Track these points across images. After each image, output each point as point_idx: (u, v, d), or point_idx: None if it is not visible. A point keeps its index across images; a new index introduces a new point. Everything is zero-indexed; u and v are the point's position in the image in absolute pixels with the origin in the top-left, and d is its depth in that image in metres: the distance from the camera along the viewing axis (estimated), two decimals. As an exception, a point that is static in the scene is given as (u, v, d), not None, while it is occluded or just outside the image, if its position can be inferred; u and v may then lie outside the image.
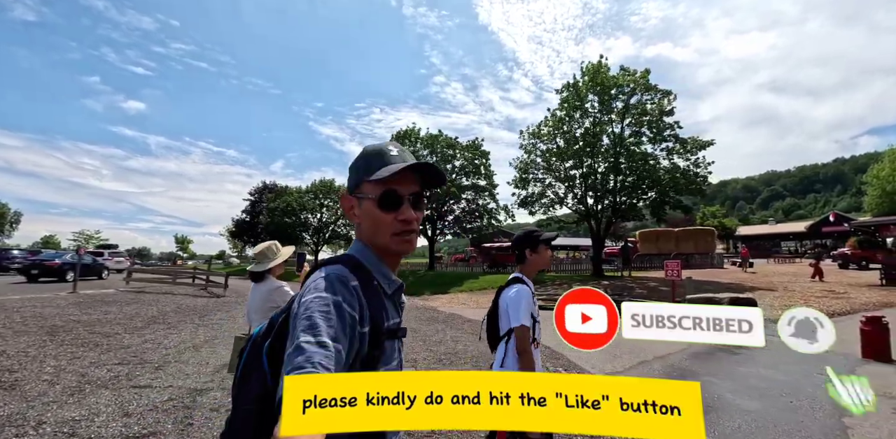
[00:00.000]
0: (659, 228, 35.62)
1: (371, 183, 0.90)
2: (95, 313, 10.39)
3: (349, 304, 0.79)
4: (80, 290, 14.73)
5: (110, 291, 15.59)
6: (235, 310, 12.05)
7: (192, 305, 12.68)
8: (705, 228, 35.16)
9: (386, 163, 0.90)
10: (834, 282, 16.17)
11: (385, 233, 0.91)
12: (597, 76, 17.54)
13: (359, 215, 0.94)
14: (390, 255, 0.95)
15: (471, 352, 6.72)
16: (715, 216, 46.79)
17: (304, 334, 0.70)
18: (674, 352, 6.58)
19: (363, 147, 0.96)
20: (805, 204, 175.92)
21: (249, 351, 0.93)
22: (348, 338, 0.75)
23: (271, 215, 32.67)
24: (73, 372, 5.42)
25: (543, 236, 2.14)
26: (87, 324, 8.87)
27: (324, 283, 0.80)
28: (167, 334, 8.09)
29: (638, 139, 18.37)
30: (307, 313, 0.74)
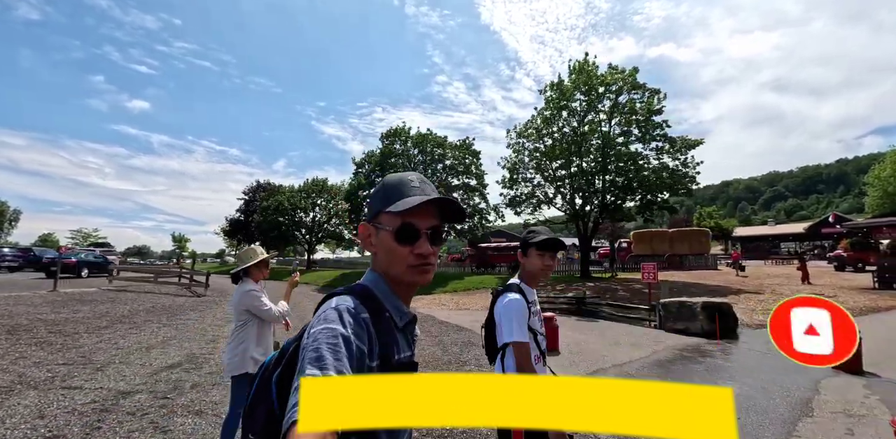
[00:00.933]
0: (653, 229, 35.43)
1: (389, 214, 0.89)
2: (65, 312, 10.34)
3: (357, 337, 0.77)
4: (60, 289, 14.70)
5: (92, 290, 15.55)
6: (210, 309, 11.99)
7: (168, 304, 12.63)
8: (700, 229, 34.98)
9: (405, 195, 0.90)
10: (826, 285, 15.94)
11: (400, 265, 0.90)
12: (583, 74, 17.37)
13: (375, 245, 0.93)
14: (404, 287, 0.94)
15: (424, 356, 6.61)
16: (712, 216, 46.40)
17: (311, 367, 0.69)
18: (634, 360, 6.41)
19: (384, 177, 0.96)
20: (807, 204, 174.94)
21: (259, 381, 0.92)
22: (355, 372, 0.74)
23: (263, 214, 32.64)
24: (12, 372, 5.35)
25: (534, 239, 1.94)
26: (50, 323, 8.81)
27: (334, 314, 0.80)
28: (126, 334, 8.02)
29: (626, 138, 18.21)
30: (315, 344, 0.73)
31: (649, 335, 8.40)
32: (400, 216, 0.88)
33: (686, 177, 17.63)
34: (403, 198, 0.89)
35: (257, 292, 2.99)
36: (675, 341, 7.76)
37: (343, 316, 0.79)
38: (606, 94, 17.72)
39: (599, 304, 11.13)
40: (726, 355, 6.66)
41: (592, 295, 12.67)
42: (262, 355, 2.95)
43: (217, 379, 5.25)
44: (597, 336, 8.32)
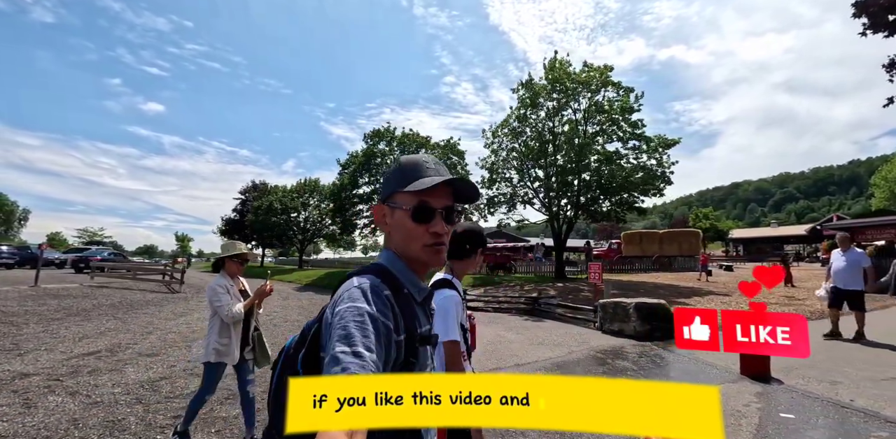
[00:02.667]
0: (643, 230, 35.22)
1: (405, 194, 0.92)
2: (31, 305, 10.73)
3: (383, 314, 0.80)
4: (43, 285, 15.17)
5: (73, 286, 16.01)
6: (173, 304, 12.32)
7: (136, 300, 12.99)
8: (691, 230, 34.70)
9: (421, 176, 0.92)
10: (808, 288, 15.60)
11: (416, 243, 0.93)
12: (554, 72, 17.36)
13: (390, 224, 0.96)
14: (419, 265, 0.96)
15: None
16: (708, 217, 45.97)
17: (340, 344, 0.71)
18: (541, 360, 6.28)
19: (399, 158, 0.99)
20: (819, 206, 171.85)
21: (283, 363, 0.94)
22: (384, 347, 0.76)
23: (256, 214, 33.15)
24: (-65, 357, 5.66)
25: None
26: (8, 314, 9.18)
27: (357, 293, 0.82)
28: (72, 325, 8.36)
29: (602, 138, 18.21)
30: (342, 323, 0.75)
31: (582, 336, 8.21)
32: (416, 195, 0.91)
33: (659, 178, 17.60)
34: (419, 179, 0.91)
35: (220, 288, 3.10)
36: (601, 342, 7.58)
37: (367, 294, 0.82)
38: (579, 91, 17.69)
39: (552, 305, 11.11)
40: (640, 358, 6.42)
41: (550, 295, 12.68)
42: (224, 346, 3.10)
43: (121, 365, 5.52)
44: (527, 336, 8.22)
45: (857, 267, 6.90)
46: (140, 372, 5.22)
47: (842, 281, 7.01)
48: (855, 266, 6.91)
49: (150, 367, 5.47)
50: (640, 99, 18.02)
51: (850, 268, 6.95)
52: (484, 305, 12.60)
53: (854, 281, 6.91)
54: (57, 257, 27.42)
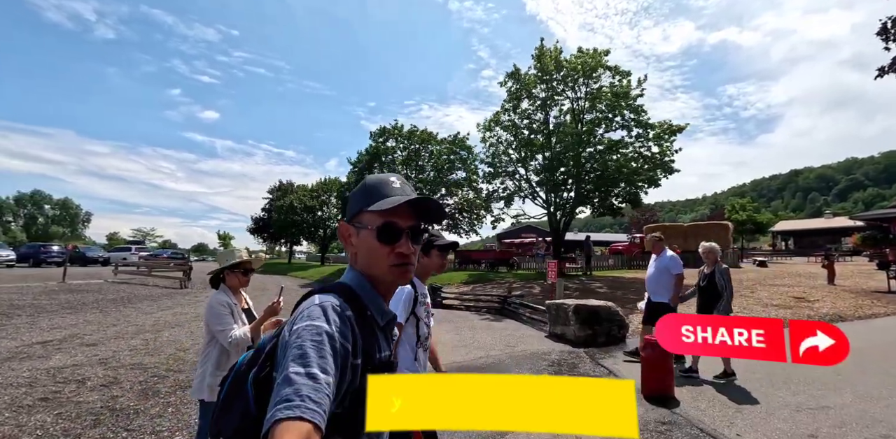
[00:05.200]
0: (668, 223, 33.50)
1: (370, 213, 0.91)
2: (42, 299, 11.90)
3: (342, 335, 0.78)
4: (70, 280, 16.74)
5: (97, 282, 17.54)
6: (172, 300, 13.22)
7: (141, 295, 14.05)
8: (720, 222, 32.52)
9: (386, 195, 0.92)
10: (844, 288, 14.11)
11: (381, 264, 0.92)
12: (542, 61, 16.82)
13: (355, 244, 0.94)
14: (385, 286, 0.96)
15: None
16: (745, 209, 42.88)
17: (294, 364, 0.69)
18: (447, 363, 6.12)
19: (365, 177, 0.99)
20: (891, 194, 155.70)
21: (232, 381, 0.90)
22: (339, 370, 0.74)
23: (279, 212, 34.65)
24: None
25: (438, 242, 2.09)
26: (15, 307, 10.26)
27: (317, 311, 0.79)
28: (56, 317, 9.22)
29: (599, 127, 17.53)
30: (298, 342, 0.73)
31: (521, 339, 7.73)
32: (381, 215, 0.90)
33: (660, 166, 16.71)
34: (385, 198, 0.91)
35: (222, 307, 2.47)
36: (530, 347, 7.06)
37: (328, 313, 0.79)
38: (573, 78, 17.04)
39: (517, 305, 10.60)
40: (550, 366, 5.94)
41: (518, 295, 12.25)
42: None
43: (52, 353, 6.08)
44: (463, 336, 7.91)
45: (665, 274, 5.58)
46: (63, 360, 5.74)
47: (650, 291, 5.78)
48: (663, 273, 5.59)
49: (74, 355, 5.99)
50: (643, 83, 17.17)
51: (657, 275, 5.65)
52: (458, 303, 12.57)
53: (660, 291, 5.62)
54: (100, 255, 29.97)
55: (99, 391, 4.52)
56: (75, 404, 4.13)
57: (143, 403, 4.16)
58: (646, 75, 17.21)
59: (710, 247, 5.30)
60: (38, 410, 3.96)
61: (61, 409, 3.98)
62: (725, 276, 5.08)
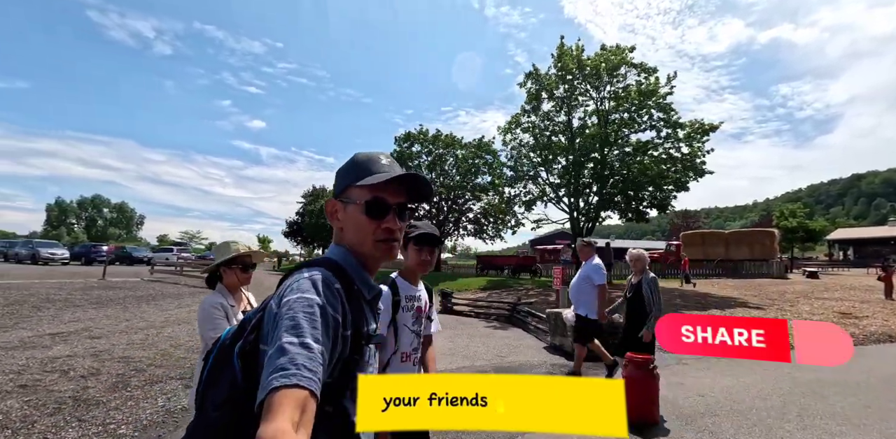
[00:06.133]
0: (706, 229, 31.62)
1: (358, 188, 0.91)
2: (78, 295, 12.63)
3: (332, 307, 0.78)
4: (110, 278, 17.81)
5: (134, 279, 18.55)
6: (191, 298, 13.69)
7: (169, 292, 14.68)
8: (763, 230, 30.39)
9: (375, 171, 0.92)
10: (892, 303, 12.75)
11: (368, 239, 0.92)
12: (563, 60, 16.29)
13: (342, 219, 0.95)
14: (371, 261, 0.96)
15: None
16: (795, 215, 39.82)
17: (287, 335, 0.69)
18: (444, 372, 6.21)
19: (355, 154, 0.98)
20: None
21: (217, 355, 0.90)
22: (331, 341, 0.75)
23: (310, 217, 35.66)
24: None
25: (412, 234, 1.90)
26: (49, 301, 10.93)
27: (308, 284, 0.80)
28: (78, 312, 9.72)
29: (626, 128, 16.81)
30: (290, 313, 0.73)
31: (516, 349, 7.30)
32: (370, 190, 0.90)
33: (692, 169, 15.77)
34: (373, 174, 0.91)
35: (216, 309, 2.14)
36: (522, 358, 6.66)
37: (318, 285, 0.79)
38: (597, 76, 16.42)
39: (525, 313, 10.06)
40: None
41: (528, 302, 11.68)
42: None
43: (57, 343, 6.36)
44: (459, 344, 7.56)
45: (586, 283, 4.87)
46: (62, 350, 5.98)
47: (572, 301, 5.13)
48: (584, 282, 4.88)
49: (74, 347, 6.23)
50: (672, 80, 16.34)
51: (578, 284, 4.94)
52: (468, 310, 12.25)
53: (580, 302, 4.94)
54: (145, 255, 31.86)
55: (76, 381, 4.63)
56: (48, 392, 4.24)
57: (109, 395, 4.21)
58: (675, 72, 16.39)
59: (638, 254, 4.61)
60: (11, 396, 4.09)
61: (32, 396, 4.09)
62: (653, 287, 4.37)
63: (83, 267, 25.47)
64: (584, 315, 4.87)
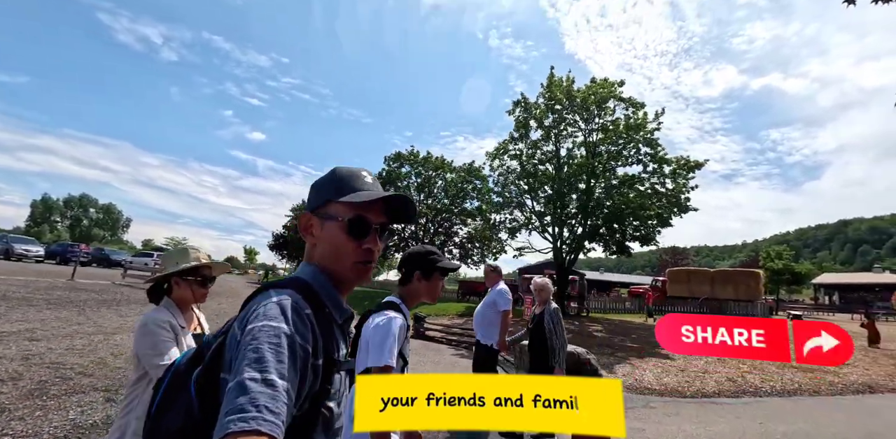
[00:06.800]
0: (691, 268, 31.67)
1: (341, 205, 0.86)
2: (38, 295, 12.10)
3: (302, 336, 0.72)
4: (78, 279, 17.24)
5: (105, 283, 17.99)
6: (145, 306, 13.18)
7: (135, 298, 14.16)
8: (749, 270, 30.39)
9: (358, 188, 0.88)
10: (876, 351, 12.68)
11: (346, 260, 0.87)
12: (551, 90, 16.65)
13: (317, 236, 0.88)
14: (345, 282, 0.89)
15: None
16: (781, 257, 40.12)
17: (249, 369, 0.63)
18: None
19: (334, 168, 0.93)
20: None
21: (171, 381, 0.83)
22: (299, 374, 0.69)
23: (296, 231, 35.23)
24: None
25: (442, 263, 1.78)
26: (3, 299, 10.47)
27: (275, 310, 0.73)
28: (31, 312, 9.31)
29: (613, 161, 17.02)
30: (254, 344, 0.66)
31: None
32: (353, 208, 0.85)
33: (676, 205, 15.89)
34: (356, 192, 0.86)
35: (162, 329, 1.72)
36: None
37: (286, 311, 0.73)
38: (584, 108, 16.74)
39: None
40: None
41: None
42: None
43: (-10, 346, 6.02)
44: (418, 372, 7.38)
45: (491, 310, 4.46)
46: (-7, 353, 5.64)
47: (476, 330, 4.68)
48: (489, 308, 4.47)
49: (8, 348, 5.89)
50: (661, 116, 16.68)
51: (483, 310, 4.53)
52: (440, 336, 11.96)
53: (483, 329, 4.51)
54: (124, 259, 31.15)
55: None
56: (-46, 397, 3.95)
57: (19, 403, 3.92)
58: (663, 109, 16.76)
59: (543, 283, 4.33)
60: (-89, 400, 3.80)
61: (-66, 401, 3.80)
62: (555, 319, 4.07)
63: (57, 266, 24.80)
64: (490, 345, 4.42)
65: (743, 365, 9.44)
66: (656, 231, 16.47)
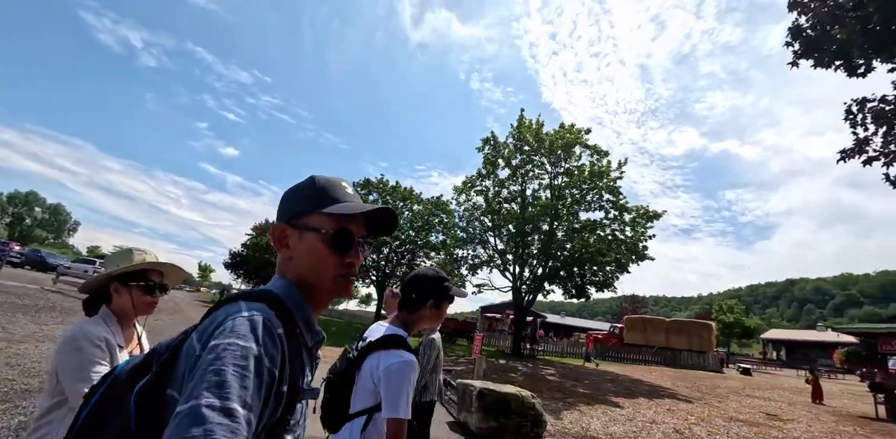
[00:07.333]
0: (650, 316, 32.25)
1: (324, 216, 0.81)
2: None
3: (270, 358, 0.64)
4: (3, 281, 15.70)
5: (34, 287, 16.40)
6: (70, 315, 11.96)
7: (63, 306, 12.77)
8: (702, 322, 31.18)
9: (340, 199, 0.83)
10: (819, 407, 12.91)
11: (327, 273, 0.81)
12: (520, 131, 17.13)
13: (293, 248, 0.82)
14: (324, 297, 0.84)
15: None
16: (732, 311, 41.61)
17: (208, 394, 0.55)
18: None
19: (311, 176, 0.88)
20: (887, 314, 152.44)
21: (106, 392, 0.75)
22: (262, 401, 0.61)
23: (253, 251, 34.02)
24: None
25: (454, 291, 1.64)
26: None
27: (245, 327, 0.65)
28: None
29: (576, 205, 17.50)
30: (217, 365, 0.59)
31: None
32: (337, 220, 0.81)
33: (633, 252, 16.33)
34: (339, 203, 0.82)
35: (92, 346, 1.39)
36: None
37: (257, 329, 0.65)
38: (550, 151, 17.32)
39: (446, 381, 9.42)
40: None
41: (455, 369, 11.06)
42: None
43: None
44: None
45: None
46: None
47: None
48: None
49: None
50: (624, 165, 17.42)
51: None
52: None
53: None
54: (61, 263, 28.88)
55: None
56: None
57: None
58: (626, 158, 17.48)
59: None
60: None
61: None
62: (428, 349, 3.50)
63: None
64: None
65: (691, 416, 9.41)
66: (615, 277, 16.75)
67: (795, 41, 8.31)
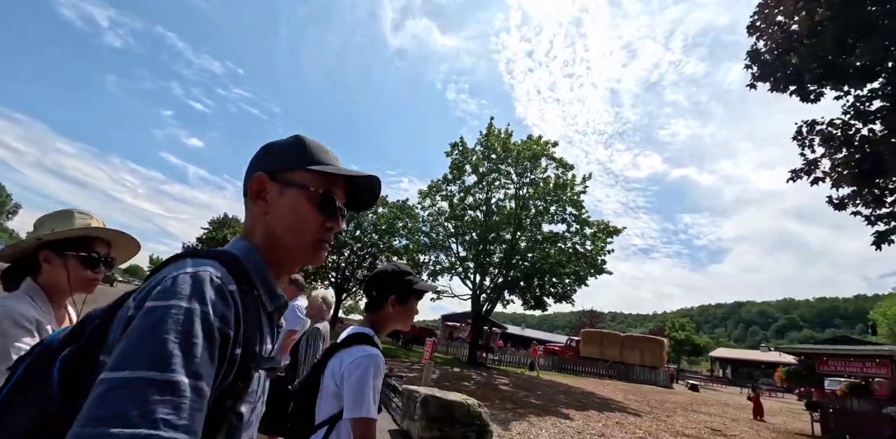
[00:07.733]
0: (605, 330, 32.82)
1: (312, 173, 0.74)
2: None
3: (221, 317, 0.56)
4: None
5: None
6: None
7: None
8: (655, 338, 31.98)
9: (326, 162, 0.76)
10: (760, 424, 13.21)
11: (304, 235, 0.73)
12: (489, 139, 17.15)
13: (271, 203, 0.73)
14: (291, 263, 0.76)
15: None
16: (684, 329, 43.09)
17: (147, 365, 0.47)
18: None
19: (297, 134, 0.80)
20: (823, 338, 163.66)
21: (31, 364, 0.65)
22: (215, 366, 0.54)
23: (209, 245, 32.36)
24: None
25: (419, 285, 1.51)
26: None
27: (187, 284, 0.56)
28: None
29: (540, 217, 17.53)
30: (155, 333, 0.50)
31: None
32: (326, 180, 0.75)
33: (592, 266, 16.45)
34: (329, 164, 0.76)
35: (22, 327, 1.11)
36: None
37: (203, 286, 0.57)
38: (517, 161, 17.34)
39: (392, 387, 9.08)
40: None
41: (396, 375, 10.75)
42: None
43: None
44: None
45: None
46: None
47: None
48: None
49: None
50: (587, 180, 17.60)
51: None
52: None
53: None
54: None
55: None
56: None
57: None
58: (590, 173, 17.70)
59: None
60: None
61: None
62: (314, 340, 2.91)
63: None
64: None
65: (639, 430, 9.34)
66: (573, 289, 16.80)
67: (754, 64, 8.59)
